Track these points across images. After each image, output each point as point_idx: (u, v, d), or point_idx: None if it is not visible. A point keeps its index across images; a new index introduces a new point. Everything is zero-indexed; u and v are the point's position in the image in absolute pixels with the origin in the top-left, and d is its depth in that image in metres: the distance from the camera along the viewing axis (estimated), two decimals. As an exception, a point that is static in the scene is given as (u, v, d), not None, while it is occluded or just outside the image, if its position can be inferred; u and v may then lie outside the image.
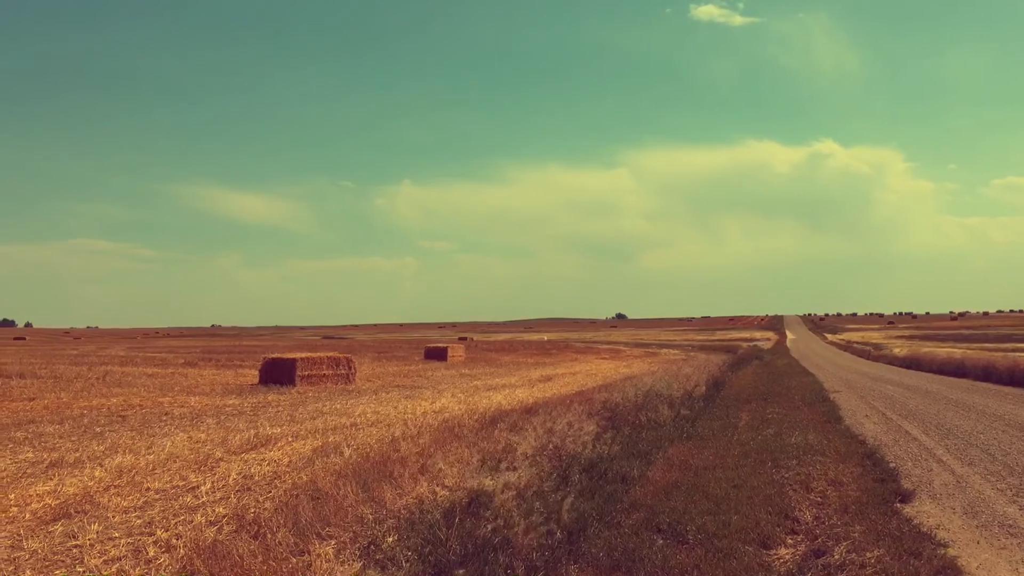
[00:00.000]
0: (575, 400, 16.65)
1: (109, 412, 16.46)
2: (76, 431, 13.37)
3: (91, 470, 9.44)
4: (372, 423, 14.01)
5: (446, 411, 15.87)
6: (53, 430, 13.46)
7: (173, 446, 11.34)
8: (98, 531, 6.57)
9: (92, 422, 14.66)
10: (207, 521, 6.83)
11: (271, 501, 7.50)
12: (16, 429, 13.59)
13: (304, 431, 12.90)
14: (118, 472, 9.22)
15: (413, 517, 6.80)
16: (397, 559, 5.76)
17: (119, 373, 29.07)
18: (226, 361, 39.54)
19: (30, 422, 14.61)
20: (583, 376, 29.93)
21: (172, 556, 5.78)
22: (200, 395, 21.02)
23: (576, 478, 8.86)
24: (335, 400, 19.53)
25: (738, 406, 18.93)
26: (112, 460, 10.11)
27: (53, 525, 6.88)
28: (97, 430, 13.52)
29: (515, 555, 5.90)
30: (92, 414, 16.02)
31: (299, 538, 6.18)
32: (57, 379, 25.80)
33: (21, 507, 7.60)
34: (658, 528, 7.35)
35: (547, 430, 11.86)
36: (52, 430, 13.46)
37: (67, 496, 7.97)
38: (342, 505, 7.13)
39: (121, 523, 6.88)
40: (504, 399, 18.88)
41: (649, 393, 17.80)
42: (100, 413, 16.24)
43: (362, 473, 8.44)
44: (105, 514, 7.22)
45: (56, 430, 13.47)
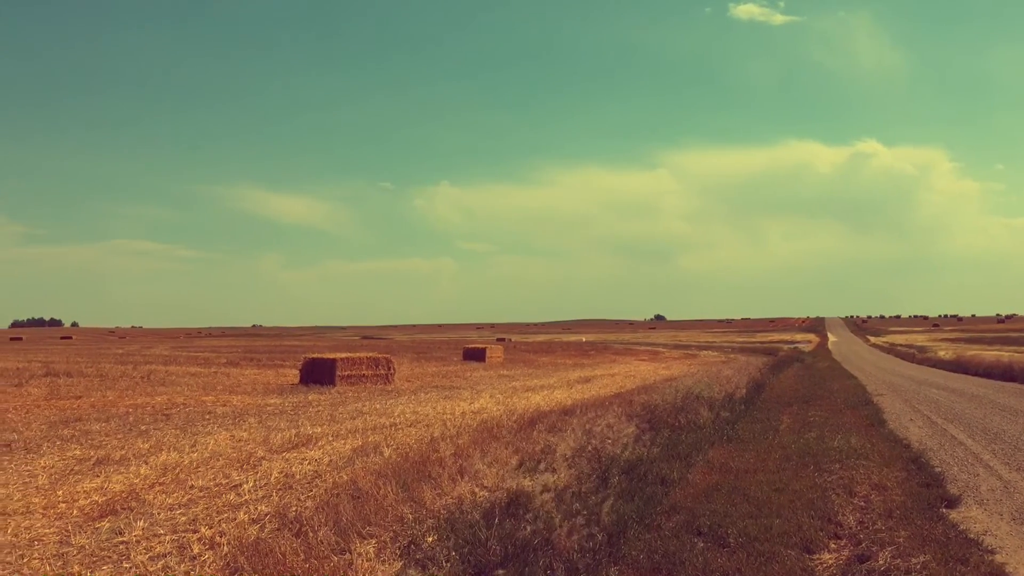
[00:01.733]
0: (614, 402, 16.59)
1: (154, 410, 16.73)
2: (122, 429, 13.61)
3: (137, 468, 9.59)
4: (411, 423, 14.08)
5: (484, 412, 15.90)
6: (99, 428, 13.71)
7: (216, 444, 11.49)
8: (144, 528, 6.68)
9: (137, 420, 14.91)
10: (250, 519, 6.91)
11: (312, 500, 7.56)
12: (64, 427, 13.87)
13: (344, 431, 12.99)
14: (163, 470, 9.36)
15: (453, 517, 6.82)
16: (437, 559, 5.78)
17: (163, 372, 29.53)
18: (267, 361, 39.98)
19: (77, 420, 14.89)
20: (622, 378, 29.81)
21: (216, 553, 5.85)
22: (242, 394, 21.28)
23: (615, 480, 8.83)
24: (374, 400, 19.66)
25: (779, 409, 18.73)
26: (157, 458, 10.27)
27: (100, 521, 7.00)
28: (142, 428, 13.75)
29: (555, 556, 5.90)
30: (137, 412, 16.29)
31: (340, 537, 6.23)
32: (103, 378, 26.28)
33: (69, 503, 7.75)
34: (699, 531, 7.30)
35: (586, 431, 11.83)
36: (99, 428, 13.71)
37: (114, 493, 8.11)
38: (382, 505, 7.17)
39: (166, 520, 6.98)
40: (542, 400, 18.88)
41: (688, 395, 17.69)
42: (145, 411, 16.51)
43: (402, 473, 8.48)
44: (150, 511, 7.33)
45: (102, 428, 13.72)
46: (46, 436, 12.73)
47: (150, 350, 57.37)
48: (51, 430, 13.45)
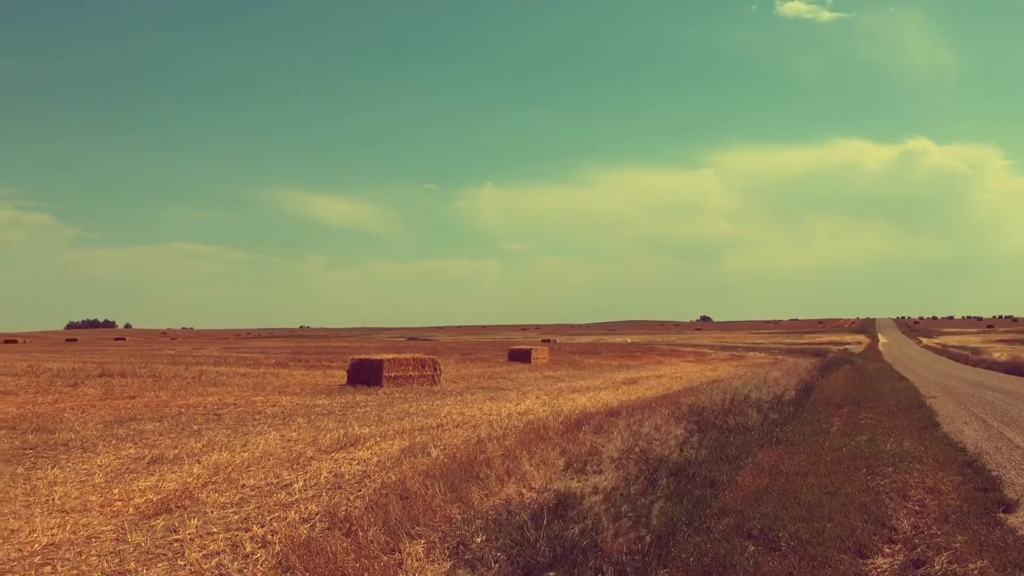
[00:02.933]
0: (660, 403, 16.50)
1: (205, 410, 17.00)
2: (175, 428, 13.85)
3: (189, 466, 9.76)
4: (458, 424, 14.14)
5: (531, 413, 15.92)
6: (153, 427, 13.98)
7: (267, 444, 11.65)
8: (197, 526, 6.79)
9: (189, 420, 15.17)
10: (300, 518, 6.99)
11: (361, 500, 7.63)
12: (119, 426, 14.16)
13: (391, 431, 13.09)
14: (215, 469, 9.51)
15: (501, 518, 6.83)
16: (486, 559, 5.80)
17: (214, 373, 29.99)
18: (315, 362, 40.41)
19: (132, 419, 15.19)
20: (668, 379, 29.63)
21: (268, 552, 5.93)
22: (291, 395, 21.54)
23: (663, 482, 8.77)
24: (421, 401, 19.77)
25: (829, 411, 18.47)
26: (209, 457, 10.44)
27: (155, 519, 7.14)
28: (194, 428, 13.98)
29: (604, 558, 5.87)
30: (189, 412, 16.57)
31: (390, 537, 6.27)
32: (156, 378, 26.77)
33: (125, 501, 7.91)
34: (749, 534, 7.22)
35: (633, 433, 11.78)
36: (152, 427, 13.97)
37: (168, 491, 8.26)
38: (430, 505, 7.21)
39: (219, 518, 7.10)
40: (588, 401, 18.84)
41: (736, 397, 17.51)
42: (197, 411, 16.79)
43: (449, 474, 8.52)
44: (204, 509, 7.46)
45: (156, 427, 13.98)
46: (102, 435, 13.00)
47: (201, 351, 58.32)
48: (106, 429, 13.74)
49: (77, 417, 15.57)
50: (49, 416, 15.67)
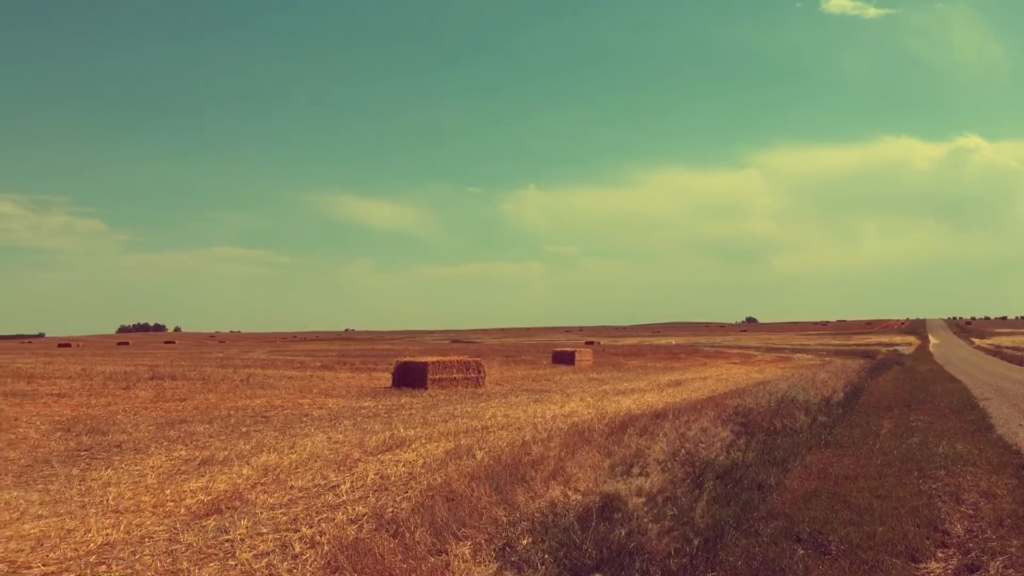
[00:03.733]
0: (706, 405, 16.38)
1: (253, 413, 17.23)
2: (224, 431, 14.06)
3: (239, 468, 9.90)
4: (502, 426, 14.16)
5: (575, 415, 15.89)
6: (203, 429, 14.20)
7: (314, 446, 11.77)
8: (247, 526, 6.89)
9: (238, 422, 15.38)
10: (348, 519, 7.05)
11: (407, 501, 7.68)
12: (170, 428, 14.41)
13: (437, 433, 13.15)
14: (264, 470, 9.63)
15: (547, 520, 6.84)
16: (532, 561, 5.81)
17: (261, 376, 30.38)
18: (360, 364, 40.74)
19: (182, 421, 15.46)
20: (713, 381, 29.39)
21: (317, 552, 6.00)
22: (337, 397, 21.74)
23: (710, 484, 8.71)
24: (465, 403, 19.83)
25: (879, 413, 18.18)
26: (258, 459, 10.58)
27: (206, 520, 7.25)
28: (243, 430, 14.18)
29: (650, 561, 5.86)
30: (238, 414, 16.81)
31: (436, 538, 6.31)
32: (205, 381, 27.20)
33: (176, 502, 8.05)
34: (798, 538, 7.15)
35: (679, 435, 11.71)
36: (202, 429, 14.20)
37: (218, 492, 8.39)
38: (476, 507, 7.24)
39: (268, 519, 7.19)
40: (633, 404, 18.75)
41: (783, 399, 17.33)
42: (245, 413, 17.02)
43: (494, 476, 8.54)
44: (253, 510, 7.56)
45: (206, 429, 14.20)
46: (153, 437, 13.25)
47: (248, 354, 59.11)
48: (158, 431, 14.00)
49: (129, 419, 15.87)
50: (102, 418, 16.00)
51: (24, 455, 11.62)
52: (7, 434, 13.59)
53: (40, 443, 12.74)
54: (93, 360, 44.32)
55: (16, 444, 12.59)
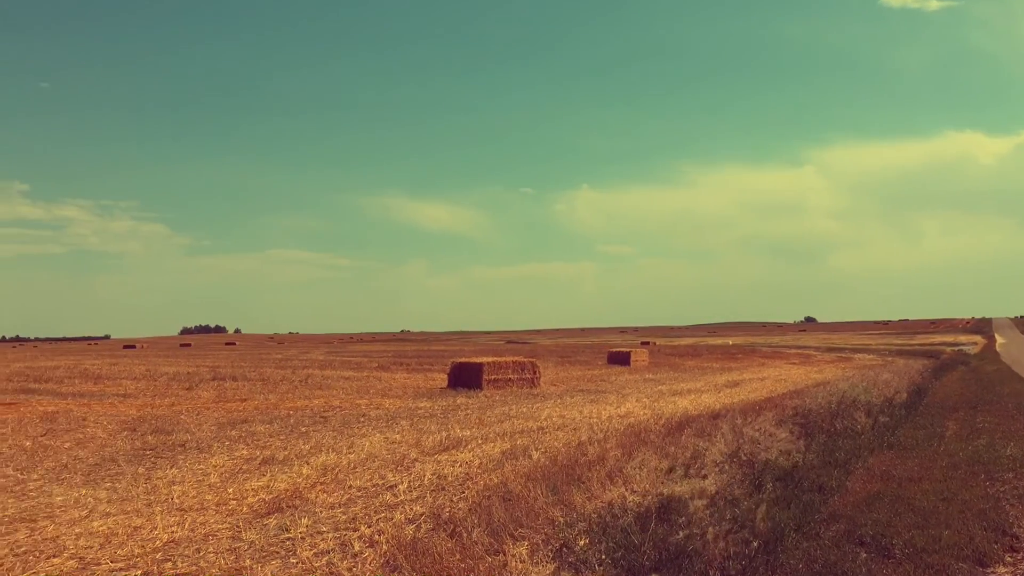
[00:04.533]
0: (764, 406, 16.17)
1: (312, 413, 17.48)
2: (284, 430, 14.28)
3: (299, 468, 10.05)
4: (558, 427, 14.14)
5: (631, 416, 15.81)
6: (263, 429, 14.44)
7: (371, 446, 11.90)
8: (308, 525, 6.99)
9: (298, 422, 15.62)
10: (406, 519, 7.11)
11: (464, 501, 7.72)
12: (231, 428, 14.69)
13: (492, 434, 13.19)
14: (323, 470, 9.76)
15: (604, 521, 6.82)
16: (590, 562, 5.79)
17: (319, 376, 30.79)
18: (416, 365, 41.05)
19: (243, 421, 15.74)
20: (771, 381, 28.99)
21: (376, 551, 6.06)
22: (393, 398, 21.94)
23: (769, 486, 8.59)
24: (521, 404, 19.85)
25: (943, 414, 17.75)
26: (317, 458, 10.72)
27: (267, 518, 7.38)
28: (302, 430, 14.39)
29: (709, 563, 5.80)
30: (297, 415, 17.07)
31: (493, 538, 6.33)
32: (265, 382, 27.68)
33: (239, 500, 8.20)
34: (860, 541, 7.01)
35: (736, 436, 11.58)
36: (263, 429, 14.44)
37: (279, 491, 8.53)
38: (533, 507, 7.24)
39: (328, 518, 7.28)
40: (690, 404, 18.59)
41: (844, 400, 17.03)
42: (304, 414, 17.27)
43: (551, 476, 8.54)
44: (313, 509, 7.67)
45: (266, 429, 14.44)
46: (216, 436, 13.51)
47: (307, 355, 59.95)
48: (220, 431, 14.28)
49: (192, 419, 16.22)
50: (166, 418, 16.37)
51: (92, 454, 11.95)
52: (76, 433, 13.98)
53: (107, 442, 13.09)
54: (157, 361, 45.36)
55: (85, 443, 12.95)
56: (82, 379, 29.01)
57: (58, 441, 13.14)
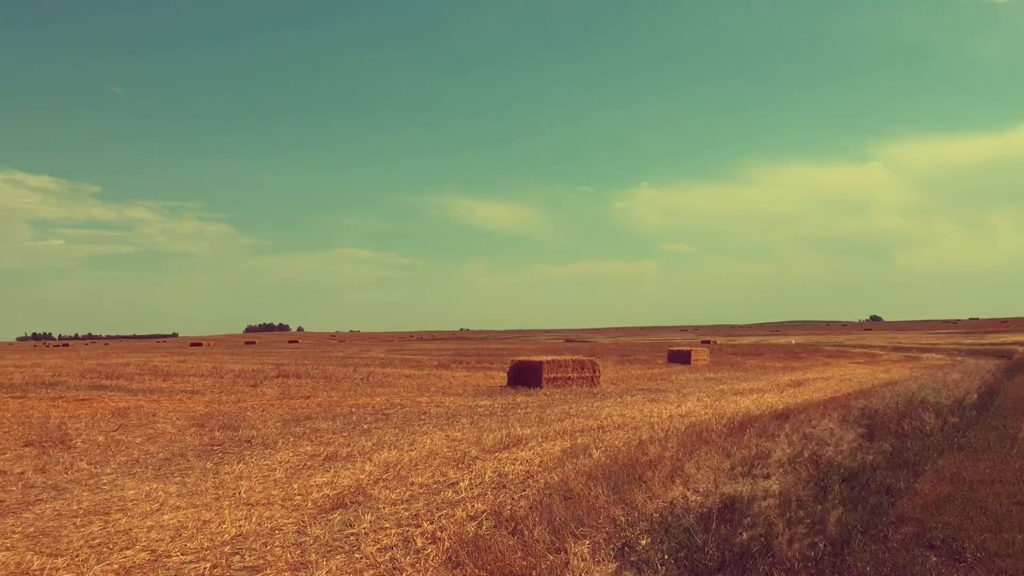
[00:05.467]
0: (829, 406, 15.89)
1: (374, 410, 17.67)
2: (346, 427, 14.47)
3: (361, 464, 10.17)
4: (618, 426, 14.07)
5: (692, 415, 15.66)
6: (327, 426, 14.65)
7: (432, 444, 11.98)
8: (371, 521, 7.07)
9: (360, 419, 15.81)
10: (467, 516, 7.15)
11: (525, 499, 7.73)
12: (295, 424, 14.93)
13: (552, 432, 13.18)
14: (385, 467, 9.87)
15: (666, 521, 6.78)
16: (652, 562, 5.77)
17: (380, 374, 31.12)
18: (475, 363, 41.22)
19: (307, 418, 15.99)
20: (836, 381, 28.44)
21: (438, 548, 6.11)
22: (453, 395, 22.07)
23: (836, 488, 8.45)
24: (581, 402, 19.81)
25: (1017, 416, 17.22)
26: (379, 455, 10.84)
27: (332, 514, 7.49)
28: (364, 427, 14.56)
29: (774, 564, 5.72)
30: (359, 412, 17.27)
31: (554, 536, 6.34)
32: (327, 379, 28.06)
33: (304, 496, 8.33)
34: (930, 544, 6.85)
35: (801, 436, 11.41)
36: (326, 426, 14.65)
37: (342, 487, 8.64)
38: (594, 506, 7.23)
39: (390, 514, 7.36)
40: (752, 404, 18.35)
41: (912, 400, 16.66)
42: (366, 411, 17.47)
43: (611, 475, 8.52)
44: (376, 505, 7.76)
45: (329, 426, 14.65)
46: (280, 433, 13.75)
47: (368, 353, 60.62)
48: (284, 427, 14.52)
49: (258, 415, 16.53)
50: (233, 414, 16.71)
51: (162, 449, 12.26)
52: (146, 429, 14.35)
53: (176, 438, 13.41)
54: (223, 359, 46.29)
55: (155, 438, 13.29)
56: (151, 376, 29.76)
57: (129, 436, 13.50)
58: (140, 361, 40.82)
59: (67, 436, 13.37)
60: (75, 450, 12.19)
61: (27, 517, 7.83)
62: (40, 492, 9.34)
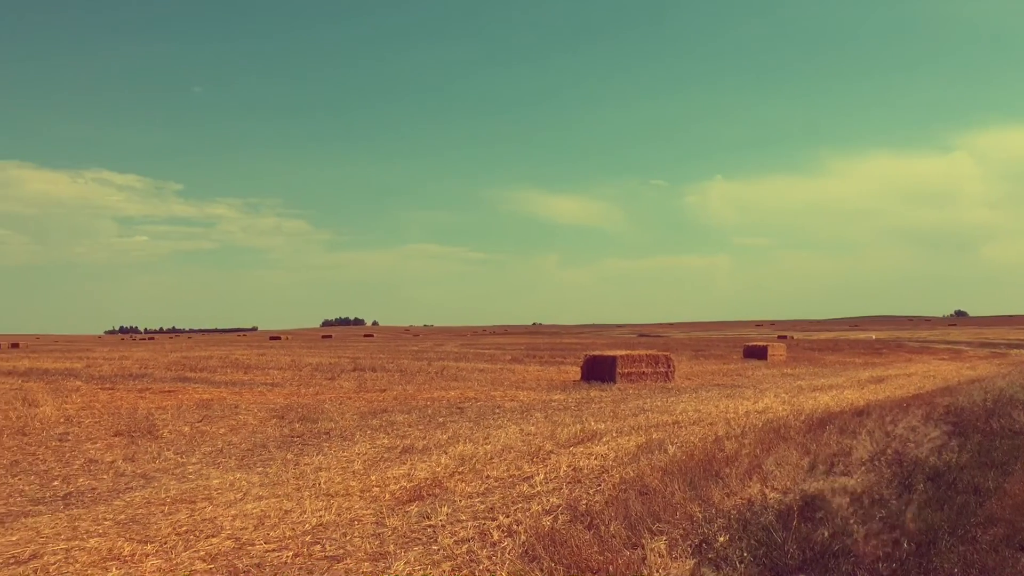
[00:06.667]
0: (912, 403, 15.48)
1: (448, 404, 17.84)
2: (421, 421, 14.65)
3: (437, 457, 10.28)
4: (693, 421, 13.93)
5: (769, 411, 15.40)
6: (402, 419, 14.85)
7: (507, 437, 12.04)
8: (447, 513, 7.14)
9: (435, 413, 15.98)
10: (542, 510, 7.17)
11: (600, 494, 7.71)
12: (372, 417, 15.17)
13: (627, 427, 13.11)
14: (460, 460, 9.95)
15: (744, 518, 6.69)
16: (731, 559, 5.70)
17: (454, 368, 31.37)
18: (548, 358, 41.24)
19: (383, 411, 16.23)
20: (919, 378, 27.66)
21: (514, 541, 6.14)
22: (527, 390, 22.13)
23: (920, 486, 8.22)
24: (655, 398, 19.67)
25: (1114, 414, 16.52)
26: (454, 448, 10.94)
27: (409, 506, 7.58)
28: (439, 420, 14.71)
29: (857, 564, 5.60)
30: (434, 405, 17.46)
31: (630, 532, 6.32)
32: (402, 373, 28.41)
33: (381, 488, 8.46)
34: (1021, 546, 6.61)
35: (883, 434, 11.14)
36: (402, 419, 14.85)
37: (419, 480, 8.74)
38: (670, 502, 7.18)
39: (466, 507, 7.42)
40: (831, 400, 17.95)
41: (1001, 397, 16.11)
42: (441, 405, 17.65)
43: (687, 471, 8.45)
44: (452, 498, 7.83)
45: (405, 419, 14.85)
46: (358, 426, 13.99)
47: (441, 347, 61.17)
48: (361, 420, 14.77)
49: (335, 408, 16.84)
50: (311, 407, 17.06)
51: (244, 440, 12.59)
52: (229, 420, 14.75)
53: (258, 429, 13.76)
54: (301, 352, 47.26)
55: (237, 430, 13.65)
56: (233, 368, 30.56)
57: (213, 427, 13.90)
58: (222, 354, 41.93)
59: (154, 426, 13.84)
60: (162, 440, 12.60)
61: (118, 504, 8.13)
62: (130, 480, 9.69)
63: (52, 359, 37.11)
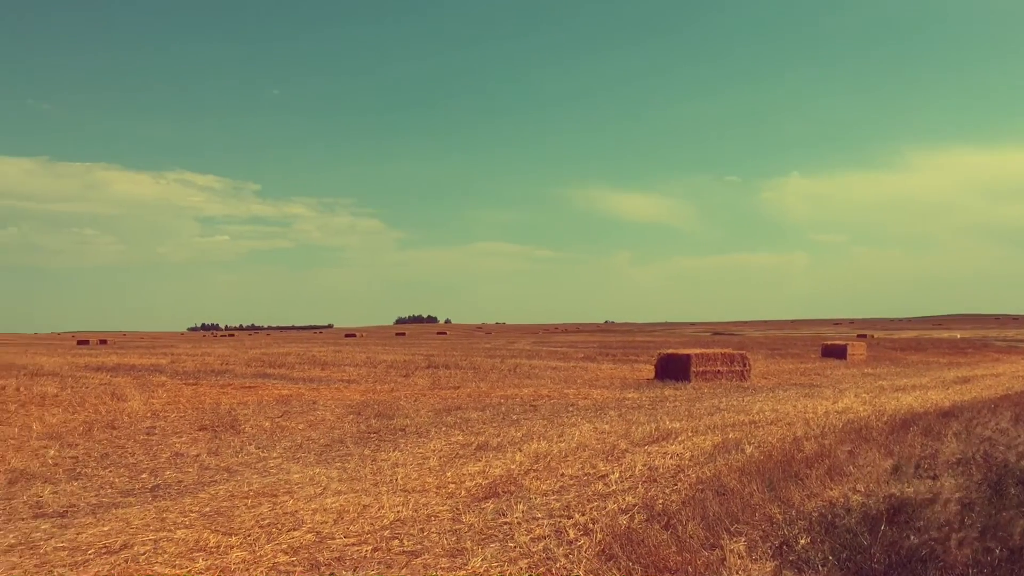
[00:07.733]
0: (1001, 404, 14.95)
1: (522, 401, 17.89)
2: (495, 418, 14.71)
3: (512, 454, 10.31)
4: (771, 421, 13.69)
5: (849, 411, 15.04)
6: (476, 416, 14.95)
7: (581, 435, 12.01)
8: (523, 511, 7.17)
9: (508, 410, 16.04)
10: (618, 509, 7.14)
11: (677, 494, 7.64)
12: (447, 414, 15.30)
13: (703, 427, 12.96)
14: (535, 457, 9.96)
15: (826, 520, 6.55)
16: (813, 562, 5.58)
17: (527, 366, 31.42)
18: (621, 356, 41.01)
19: (457, 408, 16.35)
20: (1008, 378, 26.69)
21: (591, 539, 6.13)
22: (600, 388, 22.06)
23: (1012, 491, 7.92)
24: (731, 397, 19.41)
25: None
26: (529, 446, 10.96)
27: (484, 503, 7.63)
28: (513, 417, 14.76)
29: (946, 570, 5.42)
30: (507, 403, 17.52)
31: (708, 532, 6.24)
32: (475, 370, 28.58)
33: (457, 484, 8.53)
34: (1121, 556, 6.33)
35: (971, 435, 10.78)
36: (475, 416, 14.95)
37: (494, 477, 8.79)
38: (748, 502, 7.08)
39: (542, 505, 7.44)
40: (915, 401, 17.46)
41: (1097, 399, 15.43)
42: (514, 402, 17.70)
43: (765, 471, 8.31)
44: (527, 495, 7.85)
45: (479, 416, 14.94)
46: (432, 422, 14.13)
47: (513, 345, 61.32)
48: (436, 417, 14.91)
49: (410, 405, 17.03)
50: (387, 403, 17.29)
51: (323, 435, 12.83)
52: (308, 416, 15.04)
53: (335, 425, 14.00)
54: (376, 349, 47.89)
55: (315, 425, 13.91)
56: (310, 365, 31.13)
57: (292, 422, 14.19)
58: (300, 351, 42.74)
59: (236, 421, 14.19)
60: (244, 435, 12.91)
61: (203, 497, 8.37)
62: (214, 474, 9.96)
63: (138, 355, 38.34)
